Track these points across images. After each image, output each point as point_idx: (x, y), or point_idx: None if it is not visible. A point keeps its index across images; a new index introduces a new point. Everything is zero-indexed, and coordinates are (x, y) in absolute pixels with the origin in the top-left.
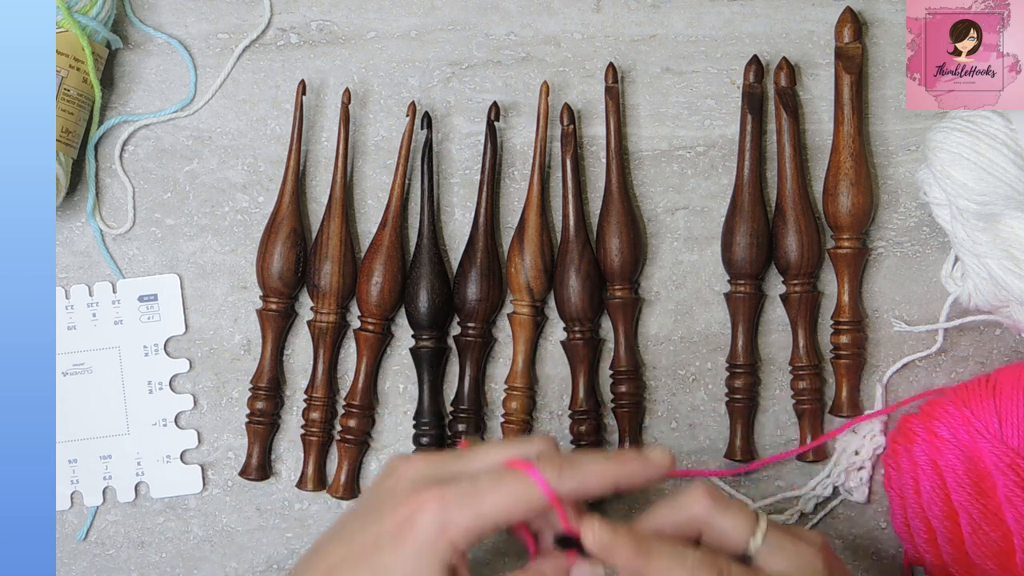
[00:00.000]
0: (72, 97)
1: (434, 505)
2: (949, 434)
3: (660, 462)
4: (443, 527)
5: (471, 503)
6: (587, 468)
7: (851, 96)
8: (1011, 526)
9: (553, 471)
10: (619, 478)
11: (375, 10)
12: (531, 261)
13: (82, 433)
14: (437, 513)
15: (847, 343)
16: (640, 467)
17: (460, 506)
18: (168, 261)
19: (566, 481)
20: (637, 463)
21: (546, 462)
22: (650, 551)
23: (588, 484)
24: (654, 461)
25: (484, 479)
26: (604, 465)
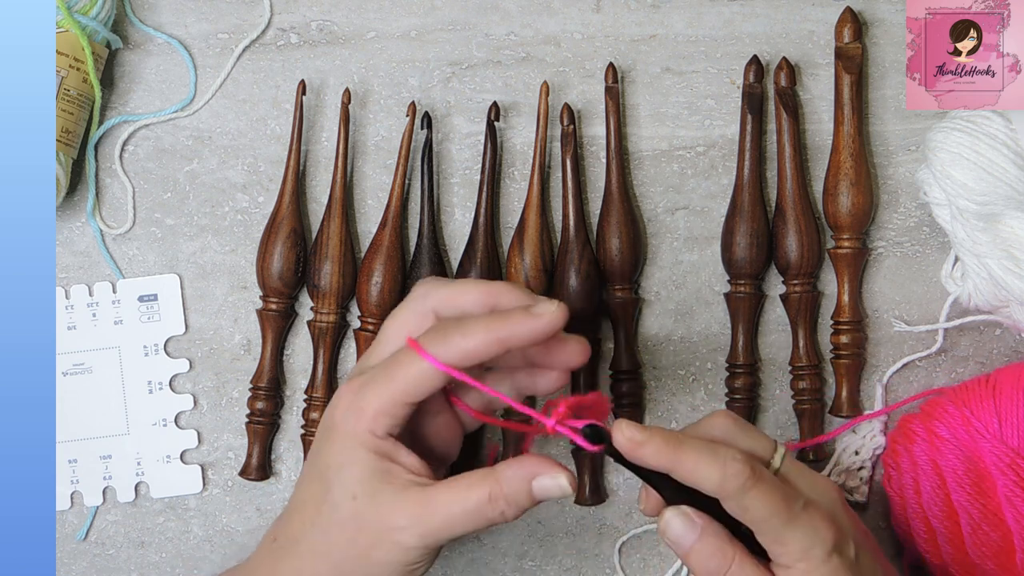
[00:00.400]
0: (72, 97)
1: (345, 399)
2: (949, 434)
3: (549, 313)
4: (356, 416)
5: (376, 389)
6: (470, 333)
7: (851, 96)
8: (1011, 526)
9: (437, 342)
10: (504, 339)
11: (375, 10)
12: (531, 261)
13: (82, 433)
14: (349, 405)
15: (847, 343)
16: (528, 321)
17: (366, 394)
18: (168, 261)
19: (451, 350)
20: (522, 321)
21: (431, 335)
22: (681, 445)
23: (472, 349)
24: (542, 312)
25: (384, 364)
26: (487, 326)
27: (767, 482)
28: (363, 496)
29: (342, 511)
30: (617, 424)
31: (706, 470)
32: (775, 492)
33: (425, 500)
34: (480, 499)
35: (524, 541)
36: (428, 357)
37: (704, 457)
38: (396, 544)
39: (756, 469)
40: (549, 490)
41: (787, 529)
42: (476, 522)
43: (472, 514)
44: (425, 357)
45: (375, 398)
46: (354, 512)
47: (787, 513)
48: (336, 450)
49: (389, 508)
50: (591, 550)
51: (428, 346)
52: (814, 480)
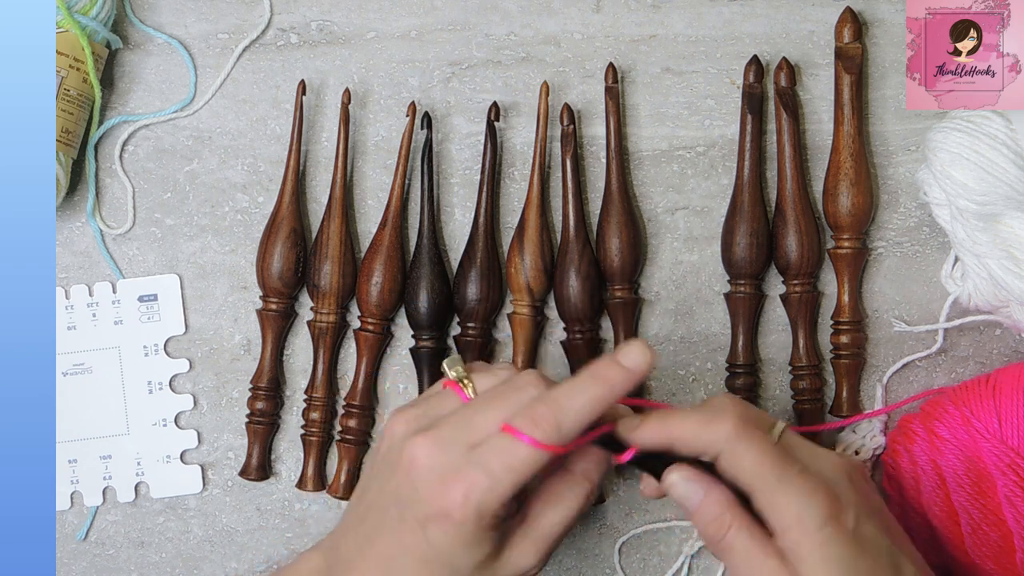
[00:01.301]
0: (72, 97)
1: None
2: (949, 434)
3: (640, 363)
4: (478, 515)
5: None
6: (570, 408)
7: (851, 96)
8: (1011, 526)
9: (539, 428)
10: (608, 401)
11: (375, 10)
12: (531, 261)
13: (82, 433)
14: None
15: (847, 343)
16: (623, 379)
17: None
18: (168, 261)
19: (553, 433)
20: (617, 371)
21: (529, 420)
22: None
23: (577, 424)
24: (634, 366)
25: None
26: (588, 396)
27: (757, 439)
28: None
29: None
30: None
31: (693, 428)
32: (765, 449)
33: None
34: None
35: None
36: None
37: (692, 418)
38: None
39: (746, 425)
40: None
41: (778, 491)
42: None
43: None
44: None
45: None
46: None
47: (778, 472)
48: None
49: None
50: (591, 550)
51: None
52: (815, 452)
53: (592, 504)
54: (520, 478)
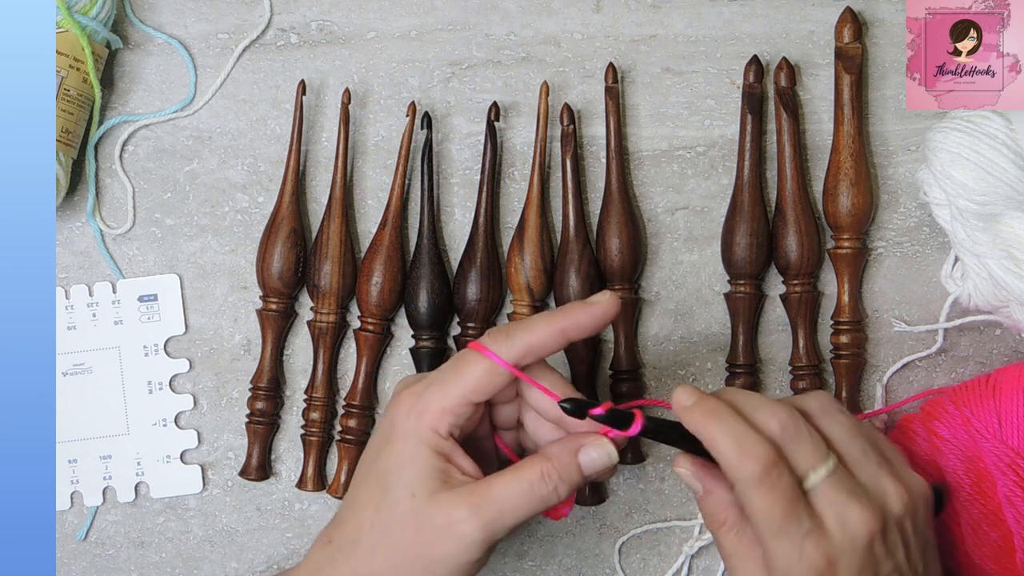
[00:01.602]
0: (72, 97)
1: (408, 402)
2: (949, 434)
3: (605, 305)
4: (419, 415)
5: (440, 389)
6: (533, 328)
7: (851, 96)
8: (1011, 526)
9: (501, 342)
10: (566, 329)
11: (375, 10)
12: (531, 261)
13: (82, 433)
14: (411, 406)
15: (847, 343)
16: (585, 314)
17: (429, 395)
18: (168, 261)
19: (515, 346)
20: (581, 310)
21: (493, 335)
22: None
23: (537, 343)
24: (599, 305)
25: (446, 367)
26: (548, 320)
27: (775, 489)
28: (421, 494)
29: (401, 509)
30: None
31: (724, 450)
32: (778, 502)
33: (482, 490)
34: (532, 478)
35: (524, 541)
36: (493, 356)
37: (729, 438)
38: (457, 537)
39: (771, 471)
40: (595, 460)
41: (772, 542)
42: (531, 503)
43: (527, 494)
44: (488, 355)
45: (440, 397)
46: (413, 509)
47: (779, 527)
48: (397, 450)
49: (447, 503)
50: (591, 550)
51: (491, 345)
52: (846, 511)
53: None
54: (469, 385)
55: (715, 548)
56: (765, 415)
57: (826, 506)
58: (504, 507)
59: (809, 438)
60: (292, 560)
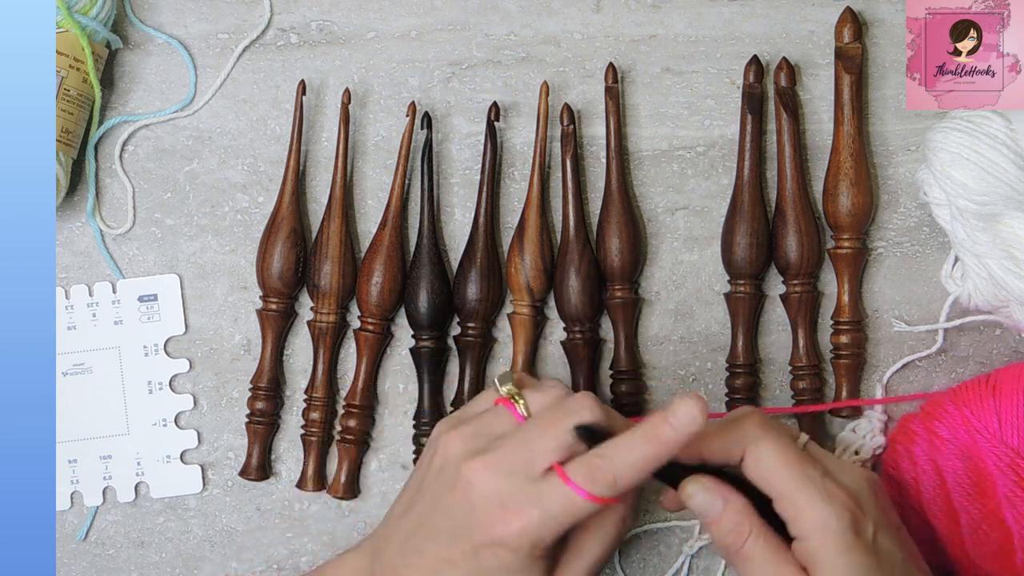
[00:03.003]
0: (72, 97)
1: (518, 526)
2: (949, 434)
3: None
4: (532, 547)
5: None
6: (624, 466)
7: (851, 96)
8: (1011, 526)
9: (595, 484)
10: (660, 460)
11: (375, 10)
12: (531, 261)
13: (82, 433)
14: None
15: (847, 343)
16: (675, 439)
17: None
18: (168, 261)
19: (608, 490)
20: (671, 437)
21: (587, 477)
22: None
23: (630, 482)
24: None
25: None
26: (641, 455)
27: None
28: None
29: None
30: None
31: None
32: (789, 448)
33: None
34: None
35: None
36: (583, 494)
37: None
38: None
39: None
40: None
41: (801, 494)
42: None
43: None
44: (582, 495)
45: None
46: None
47: (800, 472)
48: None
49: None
50: None
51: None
52: (840, 464)
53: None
54: (574, 521)
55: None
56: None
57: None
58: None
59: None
60: (292, 560)
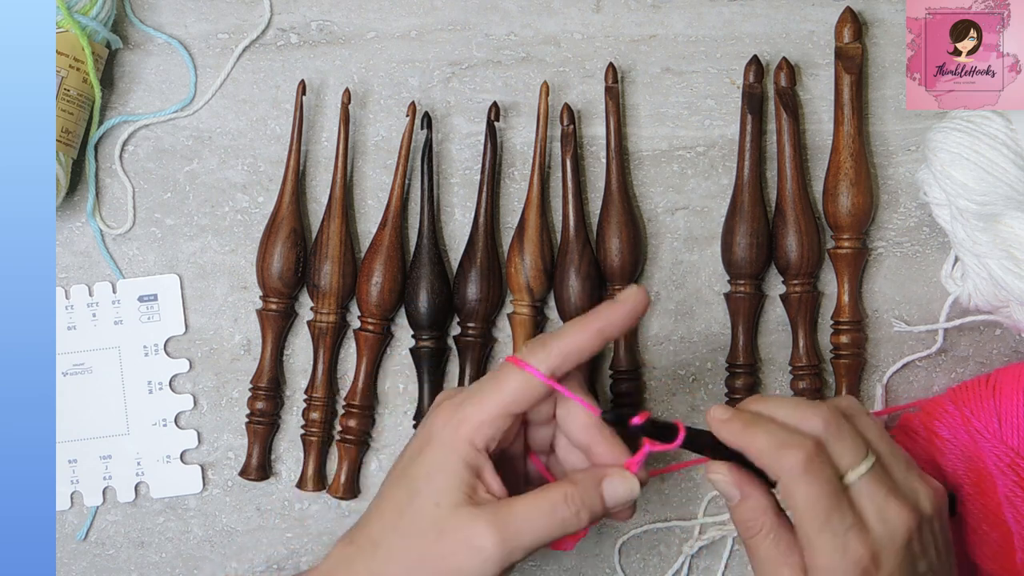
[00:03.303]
0: (72, 97)
1: (446, 411)
2: (949, 434)
3: (635, 298)
4: (456, 426)
5: (476, 402)
6: (567, 334)
7: (851, 96)
8: (1011, 526)
9: (538, 353)
10: (601, 328)
11: (375, 10)
12: (531, 261)
13: (82, 433)
14: (449, 417)
15: (847, 343)
16: (616, 311)
17: (467, 406)
18: (168, 261)
19: (552, 355)
20: (611, 308)
21: (530, 347)
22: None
23: (573, 348)
24: (628, 300)
25: (484, 380)
26: (582, 323)
27: (819, 479)
28: (446, 505)
29: (425, 517)
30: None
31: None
32: (823, 493)
33: (504, 508)
34: (556, 500)
35: None
36: (531, 369)
37: (766, 435)
38: (475, 552)
39: (815, 460)
40: (619, 492)
41: (818, 537)
42: (552, 525)
43: (548, 516)
44: (526, 368)
45: (477, 409)
46: (435, 518)
47: (824, 519)
48: (430, 458)
49: (469, 516)
50: (591, 550)
51: (527, 357)
52: (883, 510)
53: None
54: (508, 397)
55: (715, 548)
56: (807, 413)
57: (867, 502)
58: (524, 527)
59: (850, 435)
60: (292, 560)
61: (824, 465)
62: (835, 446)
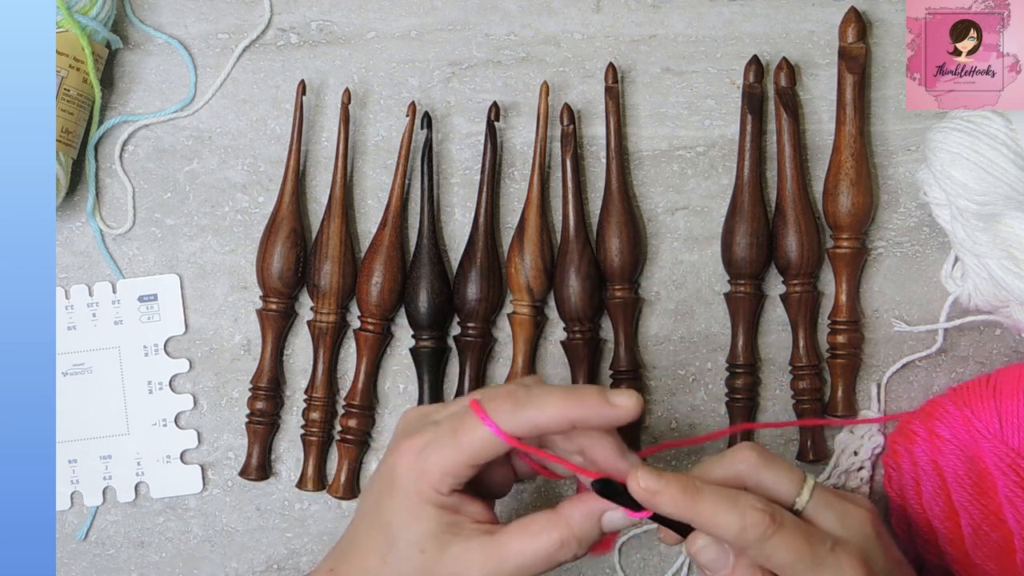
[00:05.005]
0: (72, 97)
1: (408, 457)
2: (950, 434)
3: (627, 406)
4: (419, 476)
5: (440, 452)
6: (542, 407)
7: (854, 96)
8: (1012, 526)
9: (506, 412)
10: (577, 419)
11: (375, 10)
12: (531, 261)
13: (82, 433)
14: (411, 465)
15: (844, 343)
16: (603, 409)
17: (431, 455)
18: (168, 261)
19: (520, 422)
20: (600, 404)
21: (499, 402)
22: (699, 494)
23: (543, 424)
24: (619, 404)
25: (446, 426)
26: (561, 404)
27: (789, 529)
28: (432, 550)
29: (411, 564)
30: (632, 473)
31: (725, 520)
32: (798, 537)
33: (497, 549)
34: (551, 545)
35: None
36: (493, 427)
37: (723, 507)
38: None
39: (777, 516)
40: (616, 522)
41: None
42: (547, 566)
43: (544, 560)
44: (490, 426)
45: (439, 460)
46: (422, 564)
47: (811, 558)
48: (400, 507)
49: (461, 560)
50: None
51: (495, 414)
52: (844, 513)
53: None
54: (468, 451)
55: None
56: (731, 461)
57: (826, 517)
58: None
59: (781, 464)
60: (292, 560)
61: (783, 513)
62: (772, 476)
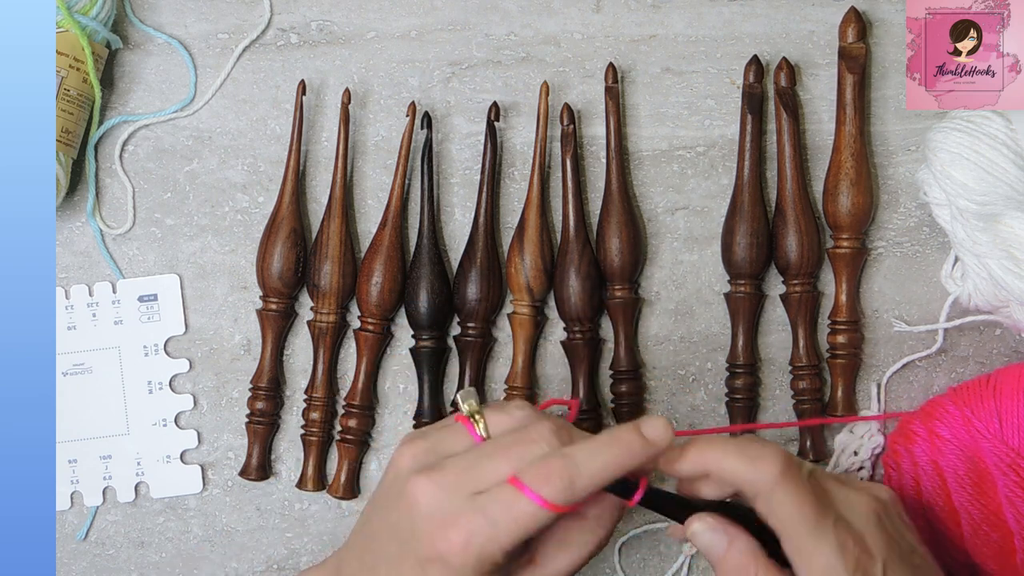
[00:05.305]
0: (72, 97)
1: (460, 541)
2: (949, 434)
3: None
4: (478, 562)
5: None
6: (584, 470)
7: (854, 96)
8: (1012, 527)
9: (548, 485)
10: (624, 468)
11: (375, 10)
12: (531, 261)
13: (82, 433)
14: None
15: (844, 343)
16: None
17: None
18: (168, 261)
19: (563, 493)
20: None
21: (539, 476)
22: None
23: (590, 486)
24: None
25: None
26: (604, 460)
27: (800, 484)
28: None
29: None
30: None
31: (737, 464)
32: (806, 496)
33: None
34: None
35: None
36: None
37: (736, 454)
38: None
39: (791, 468)
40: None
41: (811, 539)
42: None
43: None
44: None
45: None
46: None
47: (814, 521)
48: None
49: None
50: None
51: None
52: (847, 495)
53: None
54: (524, 532)
55: None
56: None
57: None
58: None
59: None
60: (292, 560)
61: (798, 467)
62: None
